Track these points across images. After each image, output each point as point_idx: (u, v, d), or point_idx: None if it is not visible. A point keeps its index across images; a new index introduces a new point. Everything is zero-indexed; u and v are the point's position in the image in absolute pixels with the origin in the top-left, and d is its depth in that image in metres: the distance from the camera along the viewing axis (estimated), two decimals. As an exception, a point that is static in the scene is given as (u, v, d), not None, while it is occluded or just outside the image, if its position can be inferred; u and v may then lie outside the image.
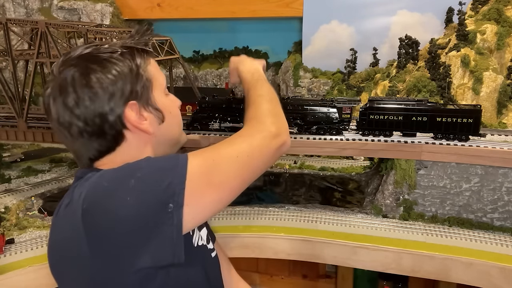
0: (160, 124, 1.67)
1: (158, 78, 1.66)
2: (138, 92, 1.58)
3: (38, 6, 8.11)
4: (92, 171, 1.47)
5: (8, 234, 4.84)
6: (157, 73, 1.66)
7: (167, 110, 1.70)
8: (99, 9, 8.01)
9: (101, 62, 1.42)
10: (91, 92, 1.42)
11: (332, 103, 5.40)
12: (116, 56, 1.49)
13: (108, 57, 1.46)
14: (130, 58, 1.56)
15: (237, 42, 8.42)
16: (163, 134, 1.68)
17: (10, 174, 6.61)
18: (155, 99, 1.65)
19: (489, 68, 5.66)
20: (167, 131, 1.71)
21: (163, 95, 1.69)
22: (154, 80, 1.64)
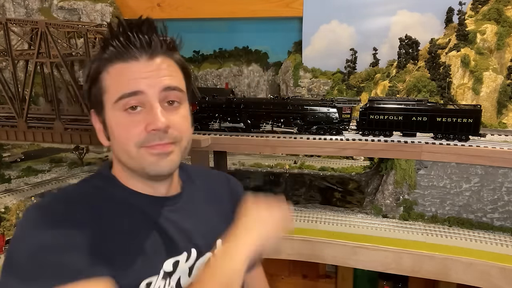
0: (110, 140, 1.43)
1: (111, 89, 1.34)
2: (92, 98, 1.42)
3: (38, 6, 8.12)
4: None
5: (8, 234, 4.85)
6: (114, 83, 1.33)
7: (112, 128, 1.37)
8: (99, 9, 8.02)
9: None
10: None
11: (332, 103, 5.42)
12: (94, 54, 1.46)
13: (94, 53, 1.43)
14: (92, 60, 1.40)
15: (237, 42, 8.44)
16: (115, 151, 1.43)
17: (10, 174, 6.63)
18: (105, 112, 1.38)
19: (489, 68, 5.67)
20: (116, 150, 1.42)
21: (114, 110, 1.34)
22: (107, 89, 1.35)
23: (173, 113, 1.39)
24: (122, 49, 1.32)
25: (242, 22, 8.29)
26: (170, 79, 1.37)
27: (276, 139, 5.14)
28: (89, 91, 1.41)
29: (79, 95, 6.06)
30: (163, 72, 1.36)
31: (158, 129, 1.31)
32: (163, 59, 1.38)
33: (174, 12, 7.92)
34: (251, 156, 7.47)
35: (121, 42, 1.32)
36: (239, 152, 7.35)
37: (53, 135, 5.79)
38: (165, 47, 1.38)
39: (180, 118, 1.41)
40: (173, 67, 1.42)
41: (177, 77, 1.43)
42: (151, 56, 1.35)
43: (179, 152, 1.42)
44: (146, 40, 1.33)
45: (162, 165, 1.37)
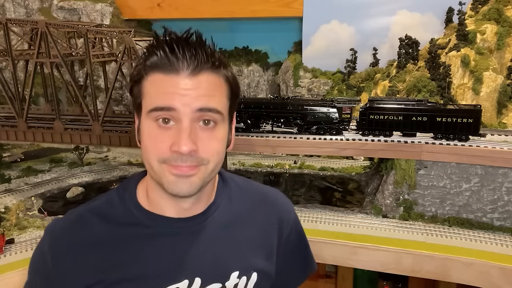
0: (140, 144, 1.41)
1: (147, 98, 1.32)
2: (133, 98, 1.41)
3: (38, 6, 8.12)
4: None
5: (8, 234, 4.85)
6: (151, 93, 1.31)
7: (143, 135, 1.36)
8: (99, 9, 8.02)
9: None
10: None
11: (332, 103, 5.43)
12: (142, 56, 1.39)
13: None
14: (138, 62, 1.40)
15: (237, 42, 8.43)
16: (142, 157, 1.41)
17: (10, 174, 6.63)
18: (141, 117, 1.37)
19: (489, 68, 5.67)
20: (143, 157, 1.39)
21: (148, 118, 1.32)
22: (145, 96, 1.34)
23: (206, 134, 1.32)
24: (165, 60, 1.27)
25: (242, 22, 8.29)
26: (207, 100, 1.29)
27: (276, 139, 5.15)
28: (132, 90, 1.41)
29: (79, 95, 6.06)
30: (202, 92, 1.29)
31: (181, 153, 1.26)
32: (208, 77, 1.31)
33: (174, 12, 7.92)
34: (251, 156, 7.47)
35: (165, 53, 1.27)
36: (239, 152, 7.35)
37: (53, 135, 5.79)
38: (211, 63, 1.31)
39: (213, 141, 1.34)
40: (217, 85, 1.34)
41: (217, 97, 1.34)
42: (194, 71, 1.28)
43: (203, 175, 1.34)
44: (190, 54, 1.27)
45: (180, 186, 1.31)
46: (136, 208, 1.46)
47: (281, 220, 1.70)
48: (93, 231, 1.42)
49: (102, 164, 7.27)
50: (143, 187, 1.51)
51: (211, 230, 1.49)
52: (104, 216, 1.45)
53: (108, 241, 1.40)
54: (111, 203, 1.49)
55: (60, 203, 5.94)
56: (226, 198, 1.58)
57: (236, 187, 1.65)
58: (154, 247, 1.41)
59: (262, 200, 1.70)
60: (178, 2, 7.89)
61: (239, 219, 1.58)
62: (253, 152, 7.29)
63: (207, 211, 1.50)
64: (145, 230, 1.43)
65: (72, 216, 1.48)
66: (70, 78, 5.91)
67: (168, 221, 1.44)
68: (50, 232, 1.45)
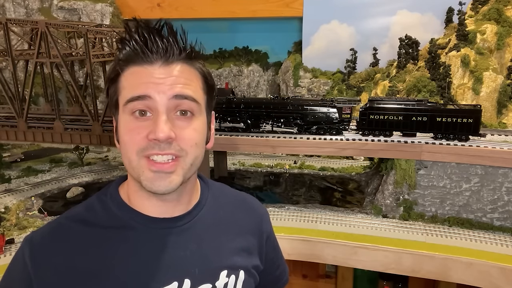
0: (119, 143, 1.37)
1: (123, 92, 1.30)
2: (109, 99, 1.38)
3: (38, 6, 8.12)
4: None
5: (8, 234, 4.85)
6: (126, 86, 1.28)
7: (120, 131, 1.33)
8: (99, 9, 8.02)
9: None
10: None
11: (332, 103, 5.43)
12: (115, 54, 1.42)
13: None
14: (113, 60, 1.36)
15: (237, 42, 8.44)
16: (122, 156, 1.36)
17: (10, 174, 6.63)
18: (118, 114, 1.34)
19: (489, 68, 5.67)
20: (122, 156, 1.35)
21: (124, 113, 1.29)
22: (121, 91, 1.31)
23: (183, 123, 1.30)
24: (138, 51, 1.26)
25: (242, 22, 8.29)
26: (183, 88, 1.28)
27: (276, 139, 5.14)
28: (107, 91, 1.38)
29: (79, 95, 6.05)
30: (177, 80, 1.27)
31: (159, 140, 1.23)
32: (182, 67, 1.30)
33: (174, 12, 7.93)
34: (251, 156, 7.47)
35: (138, 45, 1.26)
36: (239, 152, 7.35)
37: (53, 135, 5.79)
38: (184, 54, 1.30)
39: (191, 131, 1.31)
40: (191, 75, 1.33)
41: (193, 86, 1.32)
42: (167, 62, 1.28)
43: (182, 170, 1.30)
44: (163, 45, 1.26)
45: (158, 183, 1.28)
46: (120, 207, 1.41)
47: (260, 223, 1.71)
48: (75, 238, 1.35)
49: (102, 164, 7.27)
50: (124, 191, 1.47)
51: (197, 230, 1.46)
52: (85, 222, 1.38)
53: (90, 247, 1.34)
54: (91, 208, 1.44)
55: (60, 203, 5.94)
56: (211, 198, 1.57)
57: (216, 190, 1.65)
58: (140, 250, 1.35)
59: (241, 204, 1.71)
60: (178, 2, 7.90)
61: (223, 219, 1.57)
62: (253, 152, 7.29)
63: (193, 210, 1.48)
64: (129, 232, 1.37)
65: (51, 225, 1.41)
66: (70, 78, 5.91)
67: (153, 222, 1.39)
68: (29, 242, 1.36)
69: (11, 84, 5.79)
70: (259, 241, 1.66)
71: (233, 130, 5.40)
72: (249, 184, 6.46)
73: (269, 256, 1.74)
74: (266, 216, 1.78)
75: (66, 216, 1.43)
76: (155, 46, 1.26)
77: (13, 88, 5.70)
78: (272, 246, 1.78)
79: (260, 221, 1.72)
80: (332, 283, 6.57)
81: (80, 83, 7.28)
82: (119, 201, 1.43)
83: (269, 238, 1.74)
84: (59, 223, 1.41)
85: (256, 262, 1.62)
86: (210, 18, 7.95)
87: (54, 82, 5.61)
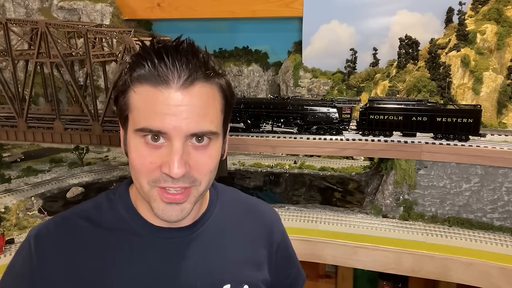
0: (127, 156, 1.30)
1: (134, 113, 1.21)
2: (118, 109, 1.28)
3: (38, 6, 8.12)
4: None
5: (8, 234, 4.85)
6: (139, 108, 1.19)
7: (130, 150, 1.25)
8: (99, 9, 8.02)
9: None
10: None
11: (332, 103, 5.43)
12: (125, 65, 1.25)
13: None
14: (122, 71, 1.24)
15: (237, 42, 8.43)
16: (131, 172, 1.29)
17: (10, 174, 6.62)
18: (127, 130, 1.26)
19: (489, 68, 5.66)
20: (131, 172, 1.29)
21: (135, 135, 1.21)
22: (132, 109, 1.22)
23: (199, 152, 1.22)
24: (153, 71, 1.15)
25: (242, 22, 8.29)
26: (200, 121, 1.18)
27: (276, 139, 5.14)
28: (116, 100, 1.28)
29: (79, 95, 6.05)
30: (194, 110, 1.17)
31: (172, 177, 1.17)
32: (200, 89, 1.19)
33: (174, 12, 7.92)
34: (251, 156, 7.46)
35: (153, 63, 1.15)
36: (239, 152, 7.35)
37: (53, 135, 5.79)
38: (204, 73, 1.19)
39: (206, 159, 1.24)
40: (210, 99, 1.22)
41: (211, 115, 1.23)
42: (185, 83, 1.16)
43: (194, 198, 1.26)
44: (181, 63, 1.16)
45: (170, 213, 1.23)
46: (127, 210, 1.37)
47: (271, 231, 1.64)
48: (79, 235, 1.33)
49: (102, 164, 7.27)
50: (133, 192, 1.41)
51: (203, 241, 1.41)
52: (91, 220, 1.35)
53: (94, 247, 1.31)
54: (99, 206, 1.40)
55: (60, 203, 5.94)
56: (218, 207, 1.51)
57: (226, 197, 1.59)
58: (143, 258, 1.32)
59: (250, 211, 1.64)
60: (178, 2, 7.89)
61: (230, 229, 1.51)
62: (253, 152, 7.29)
63: (199, 221, 1.43)
64: (134, 238, 1.33)
65: (58, 219, 1.38)
66: (70, 78, 5.91)
67: (158, 231, 1.35)
68: (35, 234, 1.34)
69: (11, 84, 5.79)
70: (269, 252, 1.59)
71: (233, 130, 5.40)
72: (249, 184, 6.46)
73: (279, 266, 1.66)
74: (277, 224, 1.70)
75: (73, 211, 1.40)
76: (172, 64, 1.15)
77: (13, 88, 5.70)
78: (283, 255, 1.70)
79: (271, 230, 1.64)
80: (332, 283, 6.57)
81: (80, 83, 7.28)
82: (127, 204, 1.40)
83: (280, 248, 1.66)
84: (66, 218, 1.38)
85: (265, 276, 1.55)
86: (210, 18, 7.94)
87: (54, 82, 5.61)
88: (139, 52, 1.19)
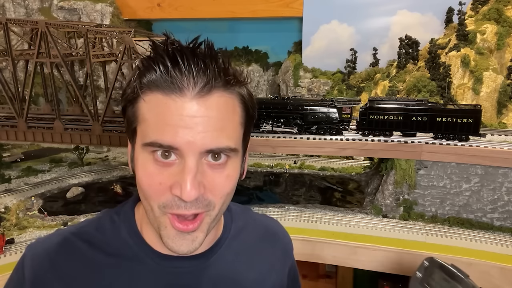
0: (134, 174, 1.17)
1: (143, 126, 1.08)
2: (126, 119, 1.16)
3: (38, 6, 8.12)
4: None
5: (8, 234, 4.85)
6: (149, 120, 1.06)
7: (137, 168, 1.12)
8: (99, 9, 8.02)
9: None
10: None
11: (332, 103, 5.42)
12: (135, 71, 1.12)
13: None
14: (131, 77, 1.11)
15: (237, 42, 8.43)
16: (138, 191, 1.17)
17: (10, 174, 6.62)
18: (135, 143, 1.13)
19: (489, 68, 5.67)
20: (138, 191, 1.16)
21: (143, 150, 1.08)
22: (141, 121, 1.09)
23: (215, 172, 1.09)
24: (165, 76, 1.02)
25: (242, 22, 8.28)
26: (217, 136, 1.05)
27: (276, 139, 5.14)
28: (124, 110, 1.16)
29: (79, 95, 6.05)
30: (211, 123, 1.04)
31: (184, 201, 1.04)
32: (218, 98, 1.06)
33: (174, 12, 7.92)
34: (251, 156, 7.46)
35: (166, 68, 1.02)
36: (239, 152, 7.33)
37: (53, 135, 5.79)
38: (224, 80, 1.06)
39: (223, 180, 1.10)
40: (229, 110, 1.10)
41: (229, 129, 1.10)
42: (201, 91, 1.03)
43: (206, 226, 1.12)
44: (198, 68, 1.02)
45: (180, 243, 1.11)
46: (131, 235, 1.27)
47: (285, 255, 1.58)
48: (78, 259, 1.23)
49: (102, 164, 7.27)
50: (139, 214, 1.30)
51: (215, 270, 1.30)
52: (92, 243, 1.25)
53: (93, 272, 1.21)
54: (101, 228, 1.29)
55: (60, 203, 5.94)
56: (233, 232, 1.41)
57: (240, 219, 1.48)
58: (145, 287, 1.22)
59: (265, 235, 1.53)
60: (178, 2, 7.89)
61: (244, 256, 1.40)
62: (253, 152, 7.28)
63: (213, 248, 1.32)
64: (137, 266, 1.23)
65: (58, 240, 1.27)
66: (70, 78, 5.91)
67: (165, 259, 1.24)
68: (32, 255, 1.25)
69: (11, 84, 5.79)
70: (282, 276, 1.52)
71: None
72: (249, 184, 6.46)
73: (292, 280, 1.63)
74: (290, 246, 1.63)
75: (74, 231, 1.30)
76: (188, 69, 1.01)
77: (13, 88, 5.70)
78: (292, 277, 1.63)
79: (285, 253, 1.57)
80: (332, 283, 6.57)
81: (80, 83, 7.28)
82: (132, 228, 1.29)
83: (291, 270, 1.61)
84: (66, 239, 1.28)
85: None
86: (210, 18, 7.94)
87: (54, 82, 5.61)
88: (150, 55, 1.06)
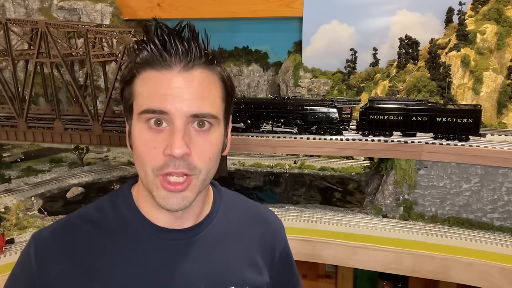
0: (132, 149, 1.34)
1: (138, 99, 1.26)
2: (123, 101, 1.34)
3: (38, 6, 8.12)
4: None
5: (8, 234, 4.85)
6: (143, 93, 1.24)
7: (134, 139, 1.29)
8: (99, 9, 8.02)
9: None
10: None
11: (332, 103, 5.43)
12: (131, 55, 1.32)
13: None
14: (128, 61, 1.30)
15: (237, 42, 8.43)
16: (135, 162, 1.33)
17: (10, 174, 6.62)
18: (132, 119, 1.30)
19: (489, 68, 5.66)
20: (135, 163, 1.32)
21: (139, 121, 1.25)
22: (136, 96, 1.27)
23: (200, 137, 1.26)
24: (156, 55, 1.21)
25: (242, 22, 8.29)
26: (201, 103, 1.23)
27: (276, 139, 5.14)
28: (122, 92, 1.34)
29: (79, 95, 6.05)
30: (196, 92, 1.23)
31: (174, 156, 1.20)
32: (202, 73, 1.25)
33: (174, 12, 7.92)
34: (251, 156, 7.46)
35: (157, 47, 1.21)
36: (239, 152, 7.35)
37: (53, 135, 5.79)
38: (205, 59, 1.26)
39: (207, 145, 1.27)
40: (211, 84, 1.28)
41: (211, 99, 1.28)
42: (187, 66, 1.23)
43: (195, 187, 1.28)
44: (183, 48, 1.21)
45: (171, 201, 1.26)
46: (130, 211, 1.40)
47: (275, 238, 1.67)
48: (82, 238, 1.34)
49: (102, 164, 7.27)
50: (136, 194, 1.44)
51: (206, 243, 1.43)
52: (94, 222, 1.37)
53: (97, 250, 1.33)
54: (101, 209, 1.42)
55: (60, 203, 5.94)
56: (222, 209, 1.53)
57: (229, 200, 1.61)
58: (146, 259, 1.33)
59: (254, 216, 1.66)
60: (178, 2, 7.90)
61: (233, 232, 1.53)
62: (253, 152, 7.29)
63: (203, 222, 1.45)
64: (137, 239, 1.35)
65: (60, 223, 1.40)
66: (70, 78, 5.91)
67: (161, 232, 1.37)
68: (37, 238, 1.36)
69: (11, 84, 5.79)
70: (271, 257, 1.62)
71: (233, 130, 5.40)
72: (249, 184, 6.46)
73: (281, 273, 1.69)
74: (280, 231, 1.73)
75: (76, 214, 1.42)
76: (175, 50, 1.21)
77: (13, 88, 5.70)
78: (284, 262, 1.73)
79: (274, 237, 1.67)
80: (332, 283, 6.57)
81: (80, 83, 7.28)
82: (130, 205, 1.42)
83: (282, 254, 1.69)
84: (69, 221, 1.40)
85: (266, 279, 1.57)
86: (210, 18, 7.94)
87: (54, 82, 5.61)
88: (143, 38, 1.25)
